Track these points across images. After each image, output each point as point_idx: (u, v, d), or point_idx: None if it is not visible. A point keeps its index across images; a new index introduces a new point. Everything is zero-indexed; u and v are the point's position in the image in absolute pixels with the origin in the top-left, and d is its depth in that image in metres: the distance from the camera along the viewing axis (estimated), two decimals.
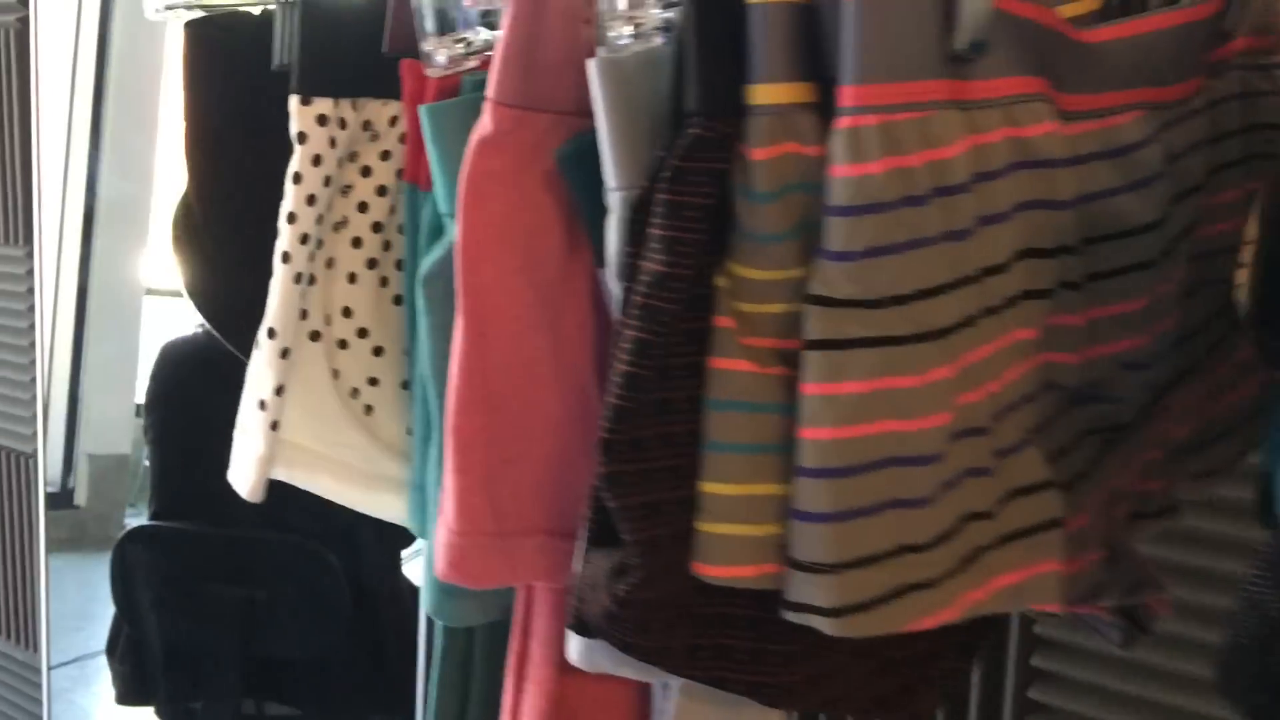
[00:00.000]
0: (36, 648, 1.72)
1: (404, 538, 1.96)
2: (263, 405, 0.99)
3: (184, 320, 4.82)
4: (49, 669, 1.68)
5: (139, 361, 4.33)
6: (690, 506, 0.56)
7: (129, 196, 3.55)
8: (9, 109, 1.61)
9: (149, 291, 4.10)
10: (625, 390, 0.55)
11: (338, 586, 1.77)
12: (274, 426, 0.99)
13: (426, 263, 0.81)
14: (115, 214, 3.50)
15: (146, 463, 4.40)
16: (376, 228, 0.97)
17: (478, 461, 0.71)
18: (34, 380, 1.65)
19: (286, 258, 0.91)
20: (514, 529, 0.72)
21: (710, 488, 0.56)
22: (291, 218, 0.91)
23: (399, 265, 0.98)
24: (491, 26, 0.80)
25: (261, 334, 0.96)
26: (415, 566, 2.04)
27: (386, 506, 1.03)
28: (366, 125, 0.95)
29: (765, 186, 0.53)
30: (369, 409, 1.00)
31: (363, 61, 0.92)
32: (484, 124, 0.69)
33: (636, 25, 0.62)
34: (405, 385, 0.99)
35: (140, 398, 4.38)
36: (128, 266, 3.80)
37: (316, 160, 0.92)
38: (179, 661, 1.73)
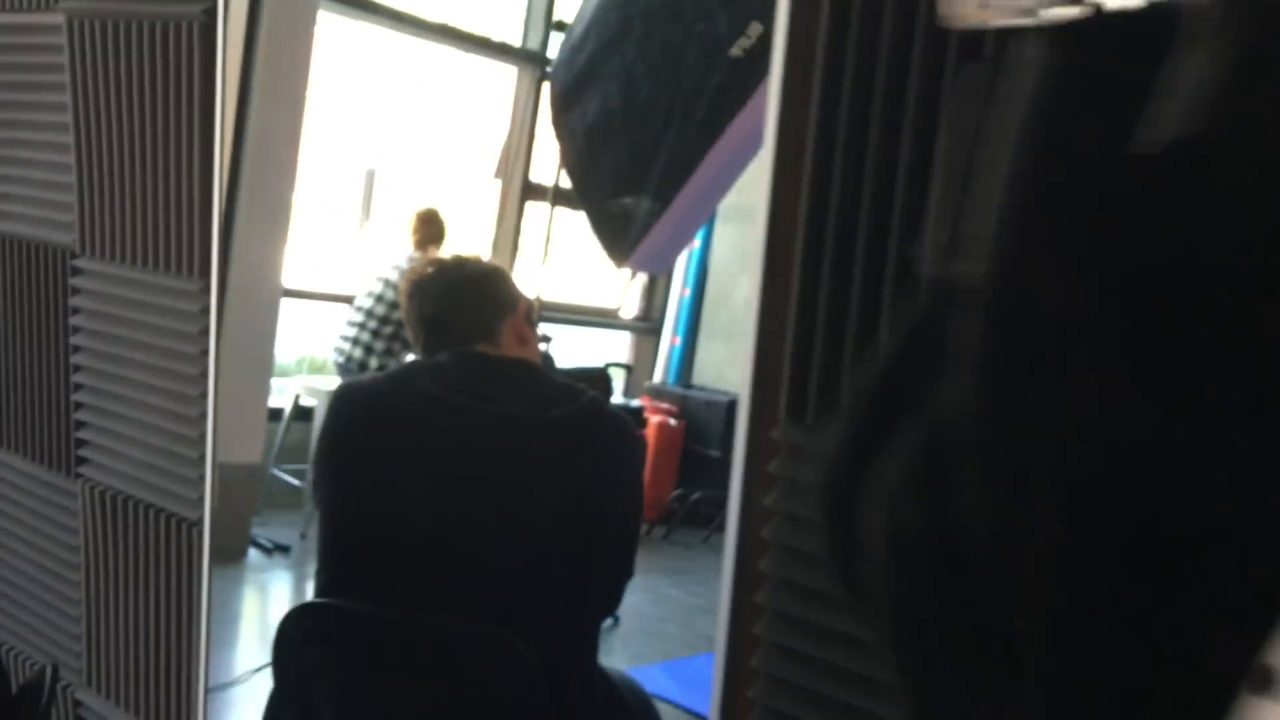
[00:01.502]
0: None
1: (600, 614, 1.71)
2: None
3: (325, 324, 4.67)
4: None
5: (273, 366, 4.17)
6: None
7: (271, 197, 3.38)
8: (189, 120, 1.36)
9: (287, 293, 3.95)
10: None
11: (531, 681, 1.52)
12: None
13: None
14: (256, 215, 3.33)
15: (274, 471, 4.23)
16: None
17: None
18: (203, 435, 1.40)
19: None
20: None
21: None
22: None
23: None
24: None
25: None
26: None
27: None
28: None
29: None
30: None
31: None
32: None
33: None
34: None
35: (274, 401, 4.21)
36: (268, 269, 3.64)
37: None
38: None
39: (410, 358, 2.48)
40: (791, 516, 0.95)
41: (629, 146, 3.23)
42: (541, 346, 2.40)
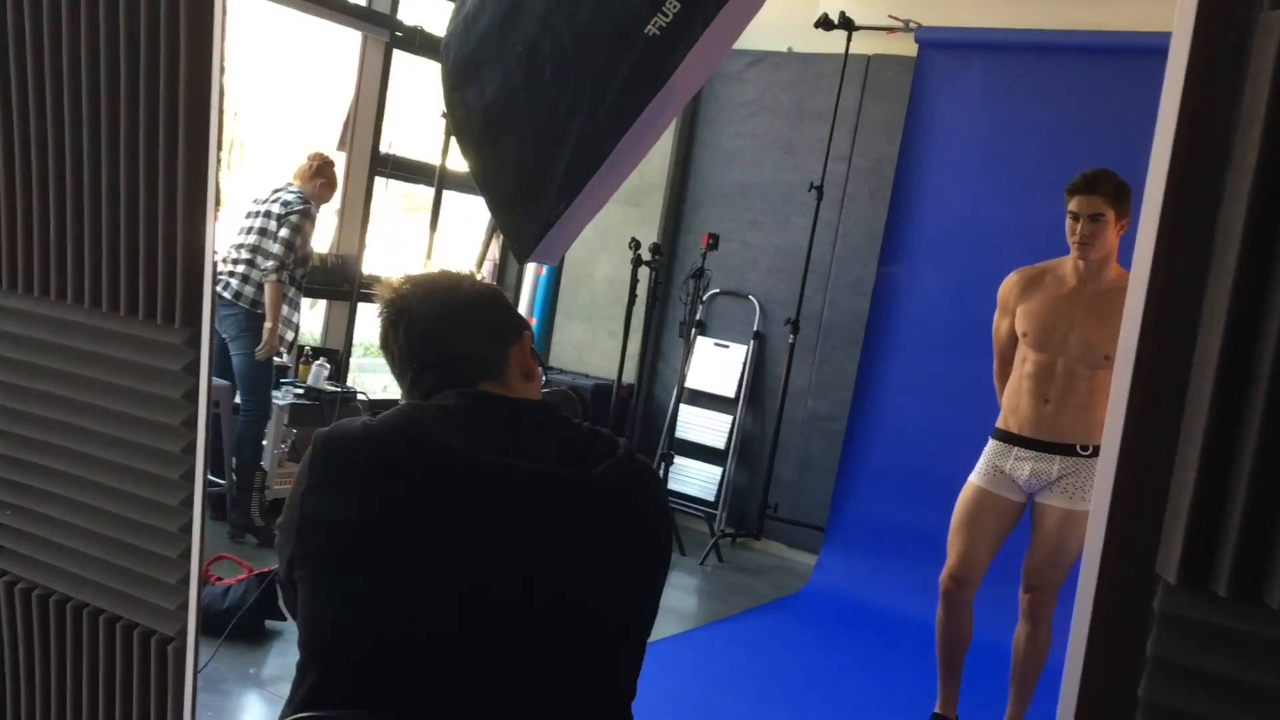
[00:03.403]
0: None
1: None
2: None
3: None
4: None
5: None
6: None
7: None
8: (170, 110, 1.04)
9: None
10: None
11: None
12: None
13: None
14: None
15: None
16: None
17: None
18: (187, 528, 1.09)
19: None
20: None
21: None
22: None
23: None
24: None
25: None
26: None
27: None
28: None
29: None
30: None
31: None
32: None
33: None
34: None
35: None
36: None
37: None
38: None
39: None
40: (1168, 710, 0.73)
41: (533, 130, 2.94)
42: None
